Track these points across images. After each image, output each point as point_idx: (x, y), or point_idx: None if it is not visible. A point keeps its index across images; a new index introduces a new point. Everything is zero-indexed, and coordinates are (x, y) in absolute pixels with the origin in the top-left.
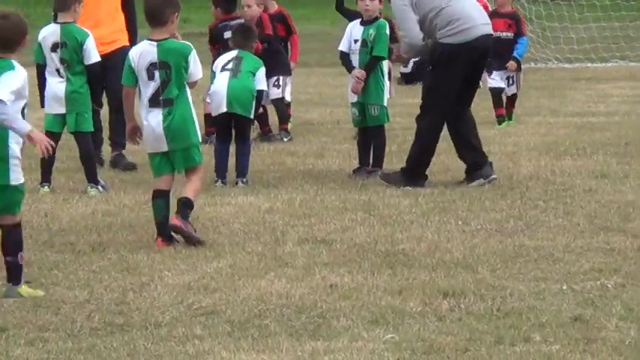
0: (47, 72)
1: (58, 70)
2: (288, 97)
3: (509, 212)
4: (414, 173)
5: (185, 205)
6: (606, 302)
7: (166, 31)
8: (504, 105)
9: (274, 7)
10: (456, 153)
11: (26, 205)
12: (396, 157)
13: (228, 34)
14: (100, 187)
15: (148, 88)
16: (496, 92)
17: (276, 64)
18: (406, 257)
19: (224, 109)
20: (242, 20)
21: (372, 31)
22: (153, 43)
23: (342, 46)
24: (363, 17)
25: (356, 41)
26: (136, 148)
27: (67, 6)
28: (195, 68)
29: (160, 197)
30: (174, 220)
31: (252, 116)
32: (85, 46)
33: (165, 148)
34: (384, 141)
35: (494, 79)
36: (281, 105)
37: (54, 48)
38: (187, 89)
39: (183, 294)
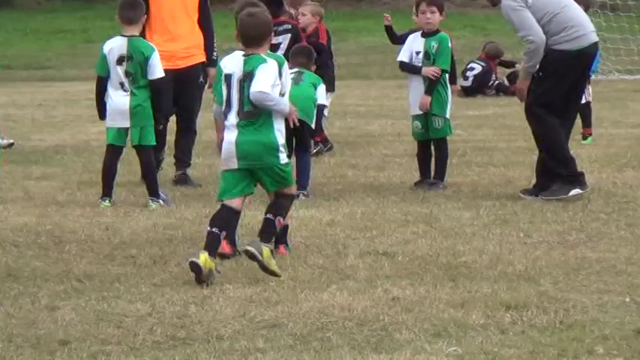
0: (110, 85)
1: (122, 84)
2: (326, 113)
3: (571, 224)
4: (570, 175)
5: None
6: None
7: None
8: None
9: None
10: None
11: (87, 218)
12: (457, 170)
13: (276, 39)
14: (160, 201)
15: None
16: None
17: (322, 78)
18: (468, 270)
19: None
20: (289, 25)
21: (434, 44)
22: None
23: (402, 57)
24: (424, 29)
25: (418, 53)
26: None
27: (135, 20)
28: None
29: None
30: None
31: (313, 126)
32: (150, 61)
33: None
34: (446, 153)
35: None
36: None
37: (119, 61)
38: None
39: (245, 307)
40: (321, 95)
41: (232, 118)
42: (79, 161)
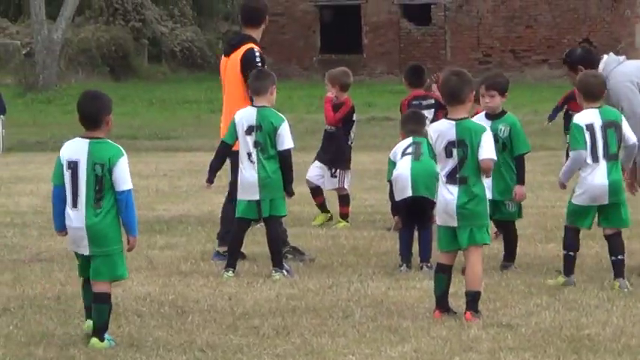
0: (240, 158)
1: (249, 155)
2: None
3: None
4: None
5: (474, 299)
6: None
7: (464, 110)
8: None
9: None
10: None
11: (210, 288)
12: (581, 241)
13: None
14: (284, 272)
15: (447, 165)
16: None
17: None
18: (591, 342)
19: (409, 193)
20: (432, 100)
21: (502, 127)
22: (452, 122)
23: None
24: (488, 111)
25: None
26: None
27: (264, 90)
28: (486, 148)
29: (442, 272)
30: (467, 317)
31: (435, 199)
32: (279, 131)
33: (453, 224)
34: (516, 235)
35: None
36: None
37: (249, 131)
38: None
39: None
40: None
41: None
42: (203, 231)
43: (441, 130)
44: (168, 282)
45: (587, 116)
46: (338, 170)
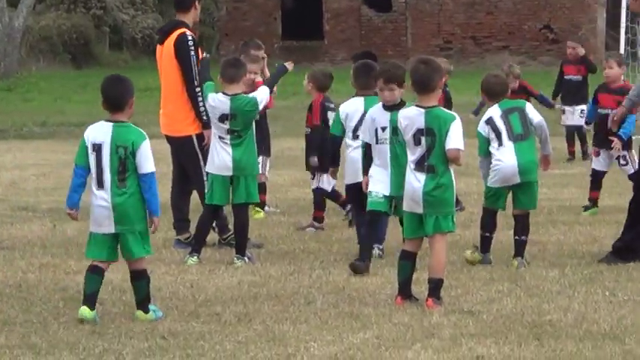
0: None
1: (221, 138)
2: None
3: None
4: None
5: (436, 286)
6: None
7: (434, 98)
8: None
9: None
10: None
11: (172, 276)
12: (542, 228)
13: None
14: (246, 259)
15: (415, 153)
16: (598, 174)
17: None
18: (553, 328)
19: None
20: None
21: None
22: (421, 110)
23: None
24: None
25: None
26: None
27: (237, 78)
28: (454, 137)
29: (407, 259)
30: (429, 304)
31: None
32: (253, 115)
33: (419, 210)
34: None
35: (599, 161)
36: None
37: (222, 119)
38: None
39: None
40: None
41: None
42: (165, 218)
43: (410, 117)
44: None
45: (488, 112)
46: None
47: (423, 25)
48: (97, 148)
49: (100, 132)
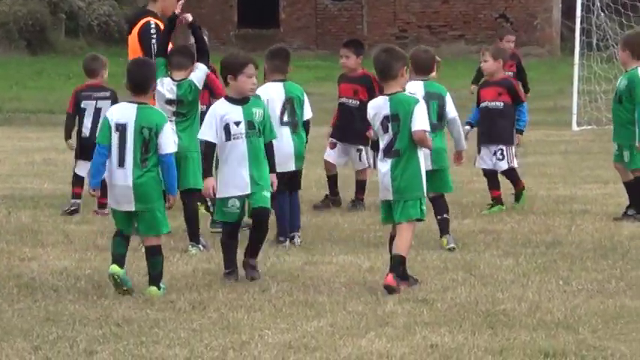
0: None
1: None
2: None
3: (611, 272)
4: None
5: (398, 263)
6: None
7: (397, 85)
8: (513, 184)
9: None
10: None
11: (127, 264)
12: (497, 217)
13: None
14: (201, 247)
15: (384, 140)
16: (488, 173)
17: None
18: (507, 317)
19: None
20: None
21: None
22: (386, 97)
23: None
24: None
25: None
26: None
27: (185, 65)
28: (418, 119)
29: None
30: (388, 279)
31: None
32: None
33: (390, 197)
34: None
35: (483, 159)
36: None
37: (169, 102)
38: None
39: (283, 353)
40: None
41: None
42: None
43: (377, 106)
44: (84, 256)
45: (410, 87)
46: None
47: (378, 13)
48: (121, 129)
49: (124, 113)
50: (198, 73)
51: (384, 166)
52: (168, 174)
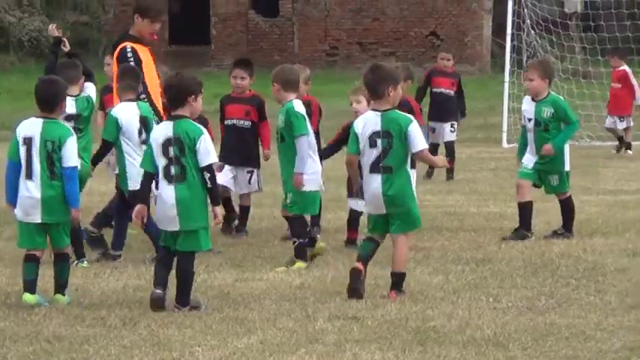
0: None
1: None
2: None
3: (541, 290)
4: None
5: (399, 280)
6: None
7: (386, 103)
8: None
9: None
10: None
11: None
12: (427, 234)
13: None
14: (85, 262)
15: (371, 155)
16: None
17: None
18: (437, 334)
19: None
20: None
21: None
22: (378, 113)
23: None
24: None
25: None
26: None
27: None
28: (418, 140)
29: (370, 241)
30: (392, 297)
31: None
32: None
33: (383, 211)
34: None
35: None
36: None
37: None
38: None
39: None
40: None
41: None
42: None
43: (367, 120)
44: (15, 273)
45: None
46: None
47: (309, 30)
48: (28, 142)
49: (32, 127)
50: (89, 91)
51: (374, 180)
52: (68, 187)
